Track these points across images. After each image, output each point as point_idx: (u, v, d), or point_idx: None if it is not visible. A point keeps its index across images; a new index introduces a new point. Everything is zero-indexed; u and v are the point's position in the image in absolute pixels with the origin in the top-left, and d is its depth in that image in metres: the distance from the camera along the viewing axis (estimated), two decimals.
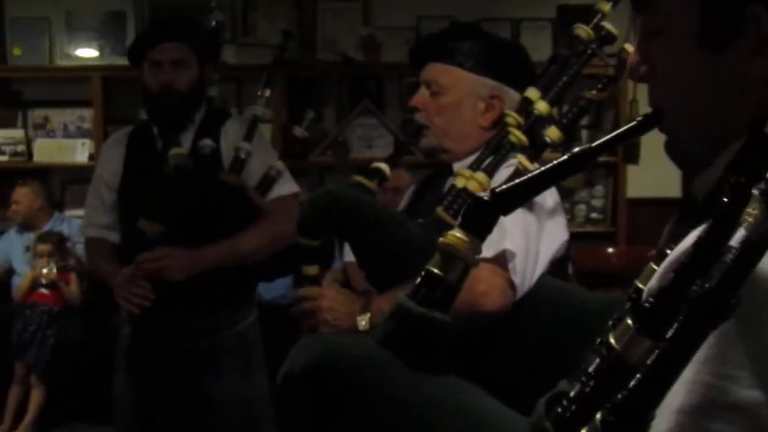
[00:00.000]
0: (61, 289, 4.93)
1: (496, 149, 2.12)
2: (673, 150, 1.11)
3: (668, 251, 0.99)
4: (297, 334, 2.11)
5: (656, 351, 0.79)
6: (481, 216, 1.14)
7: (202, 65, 3.12)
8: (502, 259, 1.93)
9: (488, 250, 1.87)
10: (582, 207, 5.66)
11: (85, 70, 5.48)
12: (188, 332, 3.00)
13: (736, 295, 0.77)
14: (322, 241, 2.06)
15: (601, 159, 5.45)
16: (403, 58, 2.68)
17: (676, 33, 1.05)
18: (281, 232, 2.88)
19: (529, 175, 1.13)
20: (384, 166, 2.24)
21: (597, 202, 5.65)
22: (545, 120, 2.13)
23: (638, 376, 0.79)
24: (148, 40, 3.16)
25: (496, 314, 1.91)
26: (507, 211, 1.14)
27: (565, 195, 5.62)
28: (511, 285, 1.93)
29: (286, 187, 3.11)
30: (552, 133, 2.08)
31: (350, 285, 2.48)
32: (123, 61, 5.28)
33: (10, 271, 5.14)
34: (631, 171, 5.36)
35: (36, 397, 4.87)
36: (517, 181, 1.13)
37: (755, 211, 0.77)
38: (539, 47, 5.14)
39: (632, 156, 5.29)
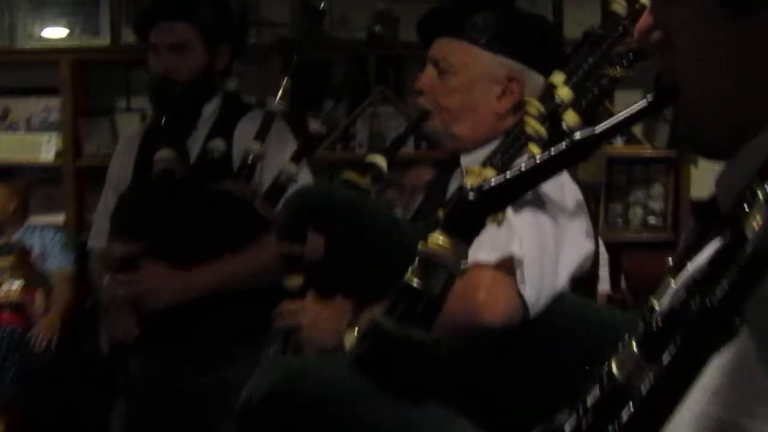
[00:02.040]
0: (25, 310, 4.95)
1: (512, 143, 2.16)
2: (689, 133, 1.11)
3: (688, 263, 1.00)
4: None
5: (654, 376, 0.79)
6: (467, 217, 1.15)
7: (212, 50, 3.10)
8: (507, 265, 1.93)
9: (492, 253, 1.90)
10: (638, 210, 5.67)
11: (53, 52, 5.47)
12: (190, 369, 3.00)
13: (741, 313, 0.77)
14: (305, 247, 2.09)
15: (659, 153, 5.49)
16: None
17: None
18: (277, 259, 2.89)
19: (522, 167, 1.14)
20: (379, 159, 2.27)
21: (655, 205, 5.65)
22: (567, 107, 2.17)
23: (632, 404, 0.80)
24: (144, 18, 3.16)
25: (498, 328, 1.91)
26: (496, 210, 1.16)
27: (619, 195, 5.66)
28: (520, 297, 1.93)
29: None
30: (569, 117, 2.11)
31: None
32: (97, 42, 5.42)
33: None
34: (697, 167, 5.38)
35: None
36: (507, 174, 1.14)
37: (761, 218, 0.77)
38: (586, 21, 5.18)
39: (681, 155, 5.33)
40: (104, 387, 3.36)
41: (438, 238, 1.15)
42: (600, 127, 1.15)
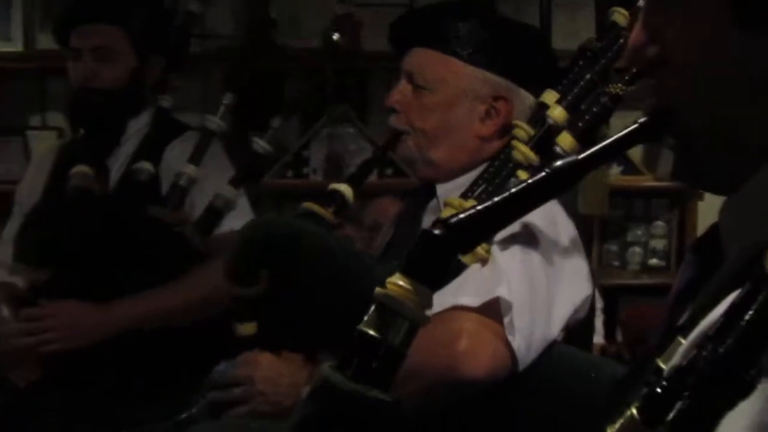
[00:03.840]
0: None
1: (497, 171, 2.20)
2: (686, 163, 1.12)
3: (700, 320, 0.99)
4: None
5: None
6: (432, 255, 1.12)
7: (141, 58, 3.13)
8: (494, 310, 1.95)
9: (476, 296, 1.94)
10: (637, 250, 5.71)
11: None
12: (117, 422, 2.95)
13: (757, 364, 0.77)
14: (259, 290, 2.12)
15: (663, 184, 5.54)
16: None
17: (703, 4, 1.06)
18: (218, 287, 2.79)
19: (497, 198, 1.13)
20: (344, 188, 2.31)
21: (658, 244, 5.70)
22: (561, 128, 2.20)
23: None
24: (65, 19, 3.19)
25: (482, 384, 1.92)
26: (467, 248, 1.14)
27: (615, 234, 5.70)
28: (508, 346, 1.95)
29: (239, 221, 2.98)
30: (564, 140, 2.15)
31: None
32: (8, 48, 5.42)
33: None
34: (706, 200, 5.43)
35: None
36: (479, 206, 1.12)
37: None
38: (578, 31, 5.24)
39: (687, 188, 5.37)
40: None
41: (398, 281, 1.12)
42: (584, 154, 1.15)
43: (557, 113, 2.23)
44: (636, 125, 1.14)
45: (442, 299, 2.04)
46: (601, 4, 5.47)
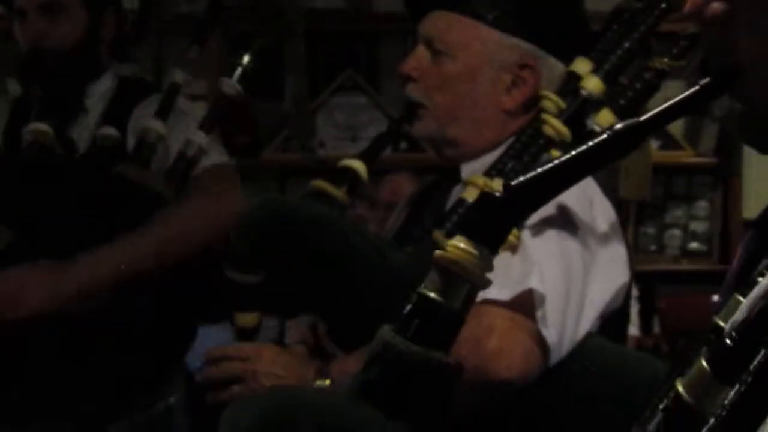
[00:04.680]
0: None
1: (525, 147, 2.21)
2: (749, 123, 1.15)
3: (759, 278, 1.04)
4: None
5: (739, 387, 0.85)
6: (493, 218, 1.18)
7: (94, 15, 3.10)
8: (526, 303, 1.96)
9: (506, 288, 1.94)
10: (676, 233, 5.75)
11: None
12: (79, 418, 2.97)
13: None
14: (262, 277, 2.13)
15: (705, 161, 5.55)
16: None
17: None
18: (205, 220, 2.82)
19: (556, 161, 1.17)
20: (357, 164, 2.31)
21: (699, 226, 5.74)
22: (597, 103, 2.21)
23: (713, 420, 0.86)
24: None
25: (516, 385, 1.95)
26: (527, 211, 1.20)
27: (652, 214, 5.72)
28: (541, 343, 1.97)
29: (214, 157, 3.00)
30: (604, 118, 2.16)
31: (321, 347, 2.56)
32: None
33: None
34: (751, 179, 5.44)
35: None
36: (539, 170, 1.17)
37: None
38: None
39: (732, 164, 5.38)
40: None
41: (458, 243, 1.17)
42: (647, 115, 1.18)
43: (593, 84, 2.23)
44: (699, 86, 1.16)
45: None
46: None
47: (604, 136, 1.17)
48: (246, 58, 3.03)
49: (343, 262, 2.09)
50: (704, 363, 0.90)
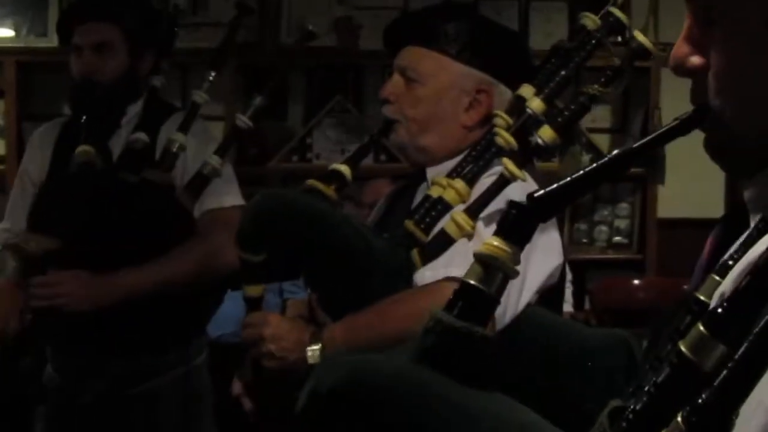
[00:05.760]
0: None
1: (480, 154, 2.22)
2: (721, 150, 1.15)
3: (730, 262, 1.08)
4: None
5: (745, 345, 0.86)
6: (520, 223, 1.25)
7: (136, 51, 3.12)
8: None
9: (461, 267, 1.94)
10: (603, 229, 5.73)
11: None
12: (114, 376, 2.99)
13: None
14: (265, 256, 2.13)
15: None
16: None
17: (743, 19, 1.07)
18: (208, 261, 2.92)
19: (567, 179, 1.22)
20: (344, 168, 2.32)
21: (622, 223, 5.72)
22: (539, 120, 2.22)
23: (724, 372, 0.87)
24: (67, 19, 3.20)
25: None
26: (546, 216, 1.25)
27: (584, 213, 5.73)
28: None
29: (228, 198, 3.07)
30: (545, 133, 2.16)
31: (316, 320, 2.58)
32: (44, 43, 5.41)
33: None
34: (667, 183, 5.45)
35: None
36: (555, 185, 1.22)
37: None
38: (553, 33, 5.24)
39: (657, 172, 5.39)
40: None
41: (494, 242, 1.24)
42: (638, 144, 1.22)
43: (536, 104, 2.24)
44: (678, 121, 1.18)
45: (434, 272, 2.09)
46: (573, 9, 5.50)
47: (605, 159, 1.23)
48: (258, 99, 3.07)
49: (333, 245, 2.09)
50: (701, 327, 0.92)
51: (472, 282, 1.26)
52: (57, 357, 3.03)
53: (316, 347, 2.08)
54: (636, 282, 5.50)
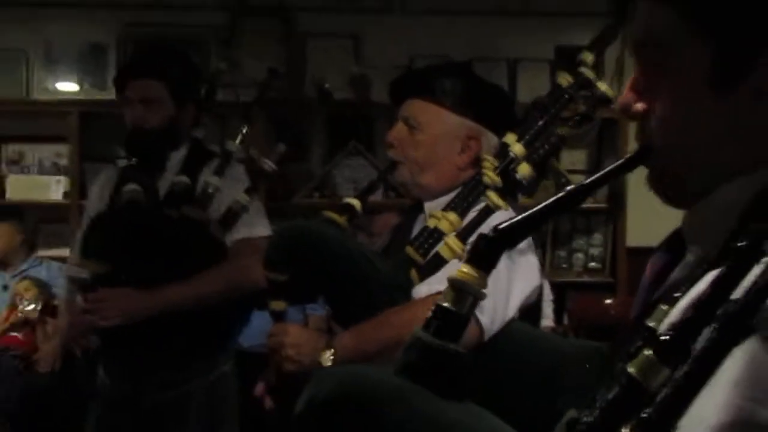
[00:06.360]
0: (36, 333, 4.93)
1: (470, 191, 2.24)
2: (662, 184, 1.15)
3: (677, 294, 1.05)
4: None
5: (684, 368, 0.87)
6: (487, 251, 1.23)
7: (178, 105, 3.16)
8: None
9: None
10: (580, 255, 5.74)
11: (63, 104, 5.50)
12: (151, 383, 3.01)
13: (758, 314, 0.86)
14: (289, 276, 2.15)
15: (600, 205, 5.58)
16: None
17: (684, 72, 1.08)
18: (236, 280, 2.95)
19: (528, 212, 1.22)
20: (355, 202, 2.35)
21: (595, 251, 5.72)
22: (520, 161, 2.24)
23: (666, 390, 0.88)
24: (121, 75, 3.24)
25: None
26: (511, 245, 1.23)
27: (563, 242, 5.74)
28: (477, 323, 1.99)
29: (255, 228, 3.10)
30: (522, 169, 2.21)
31: (333, 332, 2.59)
32: (103, 96, 5.46)
33: None
34: (631, 218, 5.46)
35: None
36: (518, 217, 1.22)
37: None
38: (537, 87, 5.27)
39: (618, 209, 5.40)
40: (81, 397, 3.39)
41: (464, 269, 1.23)
42: (588, 180, 1.23)
43: (517, 149, 2.26)
44: (625, 159, 1.18)
45: (429, 287, 2.11)
46: (554, 68, 5.52)
47: (560, 194, 1.23)
48: (282, 147, 3.13)
49: (345, 267, 2.11)
50: (649, 352, 0.92)
51: (445, 305, 1.25)
52: (106, 362, 3.04)
53: (329, 352, 2.10)
54: (608, 301, 5.47)
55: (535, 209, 1.22)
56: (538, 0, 5.37)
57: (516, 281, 2.11)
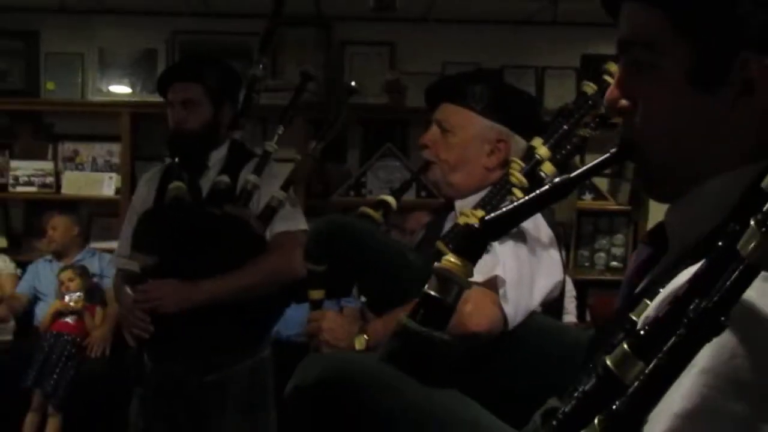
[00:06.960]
0: (85, 320, 4.98)
1: (498, 190, 2.26)
2: (646, 180, 1.16)
3: (660, 288, 1.03)
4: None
5: (654, 361, 0.86)
6: (472, 242, 1.24)
7: (217, 105, 3.18)
8: (492, 285, 2.01)
9: (479, 275, 1.97)
10: (602, 255, 5.75)
11: (116, 105, 5.59)
12: (194, 367, 3.03)
13: (728, 314, 0.84)
14: (326, 267, 2.18)
15: (622, 208, 5.58)
16: None
17: (668, 70, 1.08)
18: (277, 271, 2.97)
19: (514, 203, 1.23)
20: (390, 199, 2.38)
21: (617, 251, 5.74)
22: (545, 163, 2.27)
23: (636, 384, 0.87)
24: (164, 79, 3.27)
25: (483, 336, 1.98)
26: (495, 236, 1.24)
27: (586, 242, 5.74)
28: (502, 311, 2.01)
29: (293, 222, 3.13)
30: (546, 168, 2.23)
31: (364, 315, 2.61)
32: (153, 98, 5.49)
33: (34, 300, 5.21)
34: (653, 220, 5.44)
35: (52, 426, 4.85)
36: (503, 209, 1.23)
37: (754, 239, 0.82)
38: (564, 95, 5.29)
39: (640, 210, 5.39)
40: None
41: (450, 258, 1.23)
42: (574, 174, 1.24)
43: (543, 151, 2.29)
44: (608, 154, 1.20)
45: None
46: (580, 76, 5.53)
47: (546, 187, 1.23)
48: (280, 128, 3.21)
49: (379, 259, 2.14)
50: (626, 346, 0.91)
51: (431, 293, 1.25)
52: (153, 347, 3.07)
53: (362, 337, 2.13)
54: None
55: (519, 202, 1.23)
56: (566, 11, 5.36)
57: (539, 275, 2.12)
